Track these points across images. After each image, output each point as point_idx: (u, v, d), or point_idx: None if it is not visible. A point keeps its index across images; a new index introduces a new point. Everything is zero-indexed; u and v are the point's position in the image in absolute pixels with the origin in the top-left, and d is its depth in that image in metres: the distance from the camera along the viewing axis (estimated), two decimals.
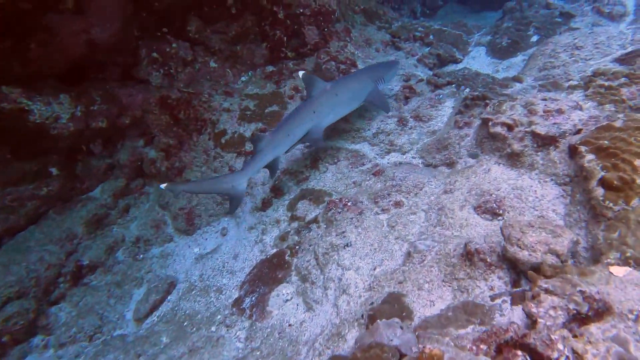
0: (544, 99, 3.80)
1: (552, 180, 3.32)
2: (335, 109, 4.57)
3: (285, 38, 6.29)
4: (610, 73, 4.44)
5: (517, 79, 5.11)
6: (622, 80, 4.12)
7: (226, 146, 5.38)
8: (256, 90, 5.95)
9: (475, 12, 10.45)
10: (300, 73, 4.29)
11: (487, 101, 4.64)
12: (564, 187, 3.24)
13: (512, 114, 3.75)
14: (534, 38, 6.64)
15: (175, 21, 5.85)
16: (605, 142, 2.98)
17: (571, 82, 4.66)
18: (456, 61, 6.94)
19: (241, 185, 4.25)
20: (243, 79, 6.35)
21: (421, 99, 5.53)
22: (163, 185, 4.09)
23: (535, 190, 3.33)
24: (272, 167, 4.41)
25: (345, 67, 6.17)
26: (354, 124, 5.22)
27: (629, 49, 4.94)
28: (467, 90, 5.77)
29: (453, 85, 5.93)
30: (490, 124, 3.84)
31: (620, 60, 4.72)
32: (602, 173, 2.83)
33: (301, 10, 6.35)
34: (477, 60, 6.82)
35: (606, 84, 4.10)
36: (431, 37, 7.26)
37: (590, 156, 2.98)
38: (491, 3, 10.12)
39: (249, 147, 5.32)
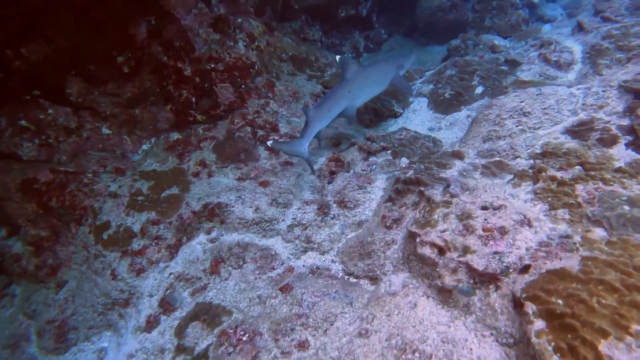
0: (484, 208, 2.98)
1: (492, 335, 2.47)
2: (365, 90, 5.06)
3: (193, 99, 5.32)
4: (561, 151, 3.76)
5: (457, 155, 4.32)
6: (577, 170, 3.39)
7: (109, 243, 4.31)
8: (154, 166, 4.92)
9: (421, 46, 9.84)
10: (337, 57, 5.22)
11: (422, 188, 3.83)
12: (506, 349, 2.39)
13: (445, 231, 2.90)
14: (479, 90, 5.95)
15: (49, 83, 4.79)
16: (560, 302, 2.15)
17: (519, 163, 3.90)
18: (395, 115, 6.16)
19: (305, 150, 4.34)
20: (144, 147, 5.32)
21: (349, 175, 4.67)
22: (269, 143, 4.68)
23: (471, 348, 2.46)
24: (317, 137, 4.69)
25: (264, 132, 5.26)
26: (265, 212, 4.29)
27: (581, 116, 4.27)
28: (404, 160, 4.98)
29: (389, 152, 5.13)
30: (418, 240, 2.98)
31: (572, 132, 4.01)
32: (556, 359, 1.99)
33: (212, 66, 5.42)
34: (419, 115, 6.05)
35: (558, 176, 3.34)
36: None
37: (539, 323, 2.14)
38: (437, 37, 9.54)
39: (136, 246, 4.27)
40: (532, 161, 3.90)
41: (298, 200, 4.48)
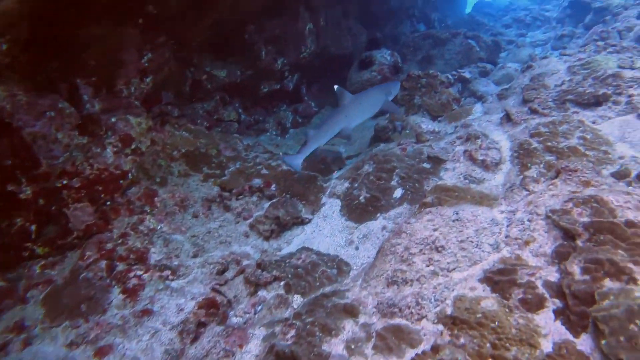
0: None
1: None
2: (359, 114, 5.71)
3: (33, 227, 4.21)
4: (476, 316, 2.87)
5: (350, 312, 3.33)
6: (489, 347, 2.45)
7: None
8: None
9: None
10: (335, 87, 5.39)
11: None
12: None
13: None
14: (397, 193, 5.09)
15: None
16: None
17: (424, 329, 2.97)
18: (303, 222, 5.21)
19: (298, 164, 5.22)
20: None
21: (219, 331, 3.61)
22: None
23: None
24: (314, 153, 5.50)
25: (126, 265, 4.17)
26: None
27: (503, 252, 3.41)
28: (297, 299, 3.99)
29: (281, 283, 4.15)
30: None
31: (492, 283, 3.11)
32: None
33: (64, 182, 4.37)
34: (329, 222, 5.12)
35: None
36: (273, 187, 5.51)
37: None
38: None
39: None
40: (440, 327, 2.98)
41: None
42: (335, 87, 5.39)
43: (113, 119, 5.01)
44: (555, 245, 3.28)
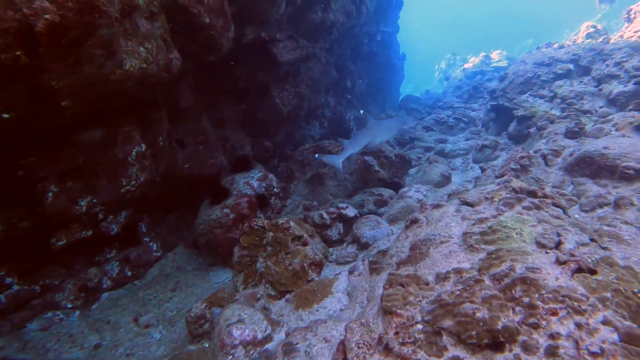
0: None
1: None
2: (381, 134, 7.46)
3: None
4: None
5: None
6: None
7: None
8: None
9: (207, 269, 6.58)
10: (361, 111, 9.41)
11: None
12: None
13: None
14: None
15: None
16: None
17: None
18: None
19: (339, 164, 6.79)
20: None
21: None
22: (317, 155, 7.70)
23: None
24: (349, 158, 7.42)
25: None
26: None
27: None
28: None
29: None
30: None
31: None
32: None
33: None
34: None
35: None
36: None
37: None
38: (223, 259, 6.42)
39: None
40: None
41: None
42: (361, 111, 8.85)
43: None
44: None
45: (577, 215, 4.69)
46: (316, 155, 7.96)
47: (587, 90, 8.89)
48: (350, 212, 6.15)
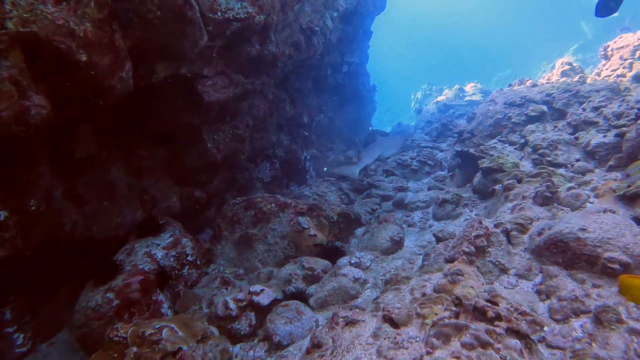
0: None
1: None
2: (389, 147, 10.64)
3: None
4: None
5: None
6: None
7: None
8: None
9: None
10: (370, 127, 13.99)
11: None
12: None
13: None
14: None
15: None
16: None
17: None
18: None
19: (356, 173, 9.20)
20: None
21: None
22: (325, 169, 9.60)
23: None
24: (365, 168, 9.91)
25: None
26: None
27: None
28: None
29: None
30: None
31: None
32: None
33: None
34: None
35: None
36: None
37: None
38: None
39: None
40: None
41: None
42: (370, 127, 16.59)
43: None
44: None
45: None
46: (324, 169, 10.46)
47: (561, 138, 7.82)
48: (265, 299, 4.82)
